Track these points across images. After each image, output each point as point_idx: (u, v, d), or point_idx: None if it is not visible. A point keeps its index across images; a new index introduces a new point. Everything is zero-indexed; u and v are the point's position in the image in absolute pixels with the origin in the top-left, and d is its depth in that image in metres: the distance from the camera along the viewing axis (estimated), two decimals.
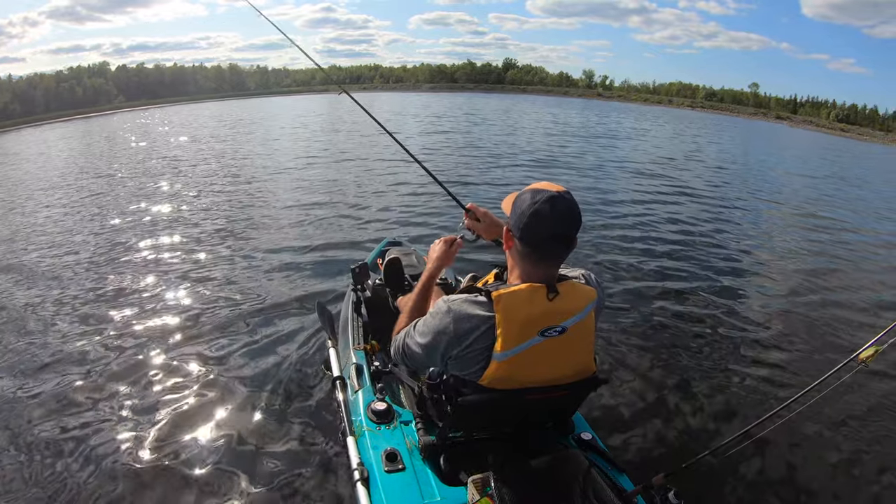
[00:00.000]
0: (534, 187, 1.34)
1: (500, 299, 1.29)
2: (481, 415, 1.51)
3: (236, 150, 14.28)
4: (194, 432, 2.54)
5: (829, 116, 74.44)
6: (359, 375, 2.13)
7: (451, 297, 1.39)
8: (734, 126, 41.06)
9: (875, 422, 2.90)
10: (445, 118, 25.19)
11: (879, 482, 2.48)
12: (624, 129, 25.14)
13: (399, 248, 3.32)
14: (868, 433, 2.80)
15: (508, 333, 1.29)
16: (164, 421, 2.62)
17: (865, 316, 4.47)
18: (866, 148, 39.98)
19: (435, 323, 1.38)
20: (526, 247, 1.33)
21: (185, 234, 5.96)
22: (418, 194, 8.00)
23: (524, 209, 1.30)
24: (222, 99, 59.43)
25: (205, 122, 25.55)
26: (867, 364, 1.43)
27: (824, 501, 2.36)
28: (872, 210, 10.19)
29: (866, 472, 2.53)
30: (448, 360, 1.40)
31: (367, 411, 1.87)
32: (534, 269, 1.34)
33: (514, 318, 1.29)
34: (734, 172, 13.50)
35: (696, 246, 6.23)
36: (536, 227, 1.29)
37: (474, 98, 52.11)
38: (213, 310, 3.88)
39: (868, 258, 6.62)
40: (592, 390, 1.52)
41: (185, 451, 2.41)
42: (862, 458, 2.62)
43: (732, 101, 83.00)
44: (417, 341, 1.43)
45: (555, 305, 1.31)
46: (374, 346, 2.35)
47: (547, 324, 1.31)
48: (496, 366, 1.32)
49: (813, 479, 2.45)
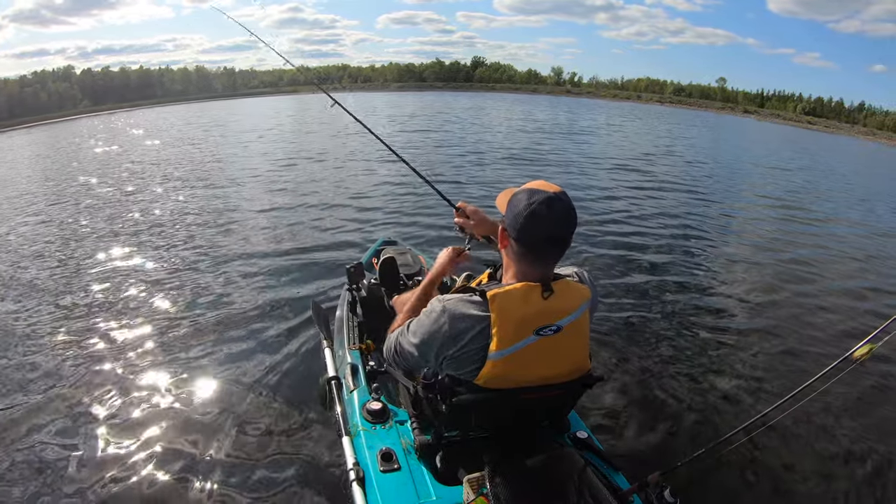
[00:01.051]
0: (530, 187, 1.33)
1: (494, 299, 1.29)
2: (477, 414, 1.51)
3: (215, 152, 14.08)
4: (188, 433, 2.53)
5: (796, 110, 76.16)
6: (354, 375, 2.13)
7: (446, 297, 1.38)
8: (703, 121, 41.75)
9: (869, 420, 2.92)
10: (419, 117, 25.04)
11: (875, 479, 2.49)
12: (598, 125, 25.55)
13: (394, 248, 3.31)
14: (862, 431, 2.82)
15: (504, 333, 1.29)
16: (158, 423, 2.60)
17: (862, 313, 4.50)
18: (834, 140, 41.29)
19: (429, 322, 1.37)
20: (522, 247, 1.32)
21: (172, 238, 5.91)
22: (402, 193, 8.02)
23: (520, 209, 1.29)
24: (189, 101, 58.30)
25: (175, 124, 24.92)
26: (861, 362, 1.44)
27: (819, 499, 2.37)
28: (847, 200, 10.44)
29: (861, 469, 2.55)
30: (443, 360, 1.39)
31: (362, 411, 1.87)
32: (529, 268, 1.34)
33: (510, 317, 1.29)
34: (711, 167, 13.83)
35: (690, 243, 6.26)
36: (533, 228, 1.28)
37: (444, 97, 52.03)
38: (209, 311, 3.86)
39: (860, 250, 6.68)
40: (588, 388, 1.52)
41: (179, 453, 2.39)
42: (856, 455, 2.63)
43: (700, 95, 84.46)
44: (411, 341, 1.42)
45: (550, 304, 1.31)
46: (369, 346, 2.34)
47: (542, 323, 1.30)
48: (492, 365, 1.31)
49: (807, 477, 2.46)
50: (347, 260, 3.95)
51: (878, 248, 7.15)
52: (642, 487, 1.57)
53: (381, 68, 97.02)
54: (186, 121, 27.27)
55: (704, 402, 2.99)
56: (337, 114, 2.68)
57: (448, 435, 1.64)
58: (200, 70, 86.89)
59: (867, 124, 69.40)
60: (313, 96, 57.08)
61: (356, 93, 65.01)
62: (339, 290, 3.28)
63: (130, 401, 2.79)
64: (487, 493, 1.36)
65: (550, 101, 49.59)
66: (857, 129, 66.68)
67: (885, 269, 6.09)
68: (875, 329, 1.50)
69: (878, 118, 70.85)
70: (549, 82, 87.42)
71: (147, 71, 79.08)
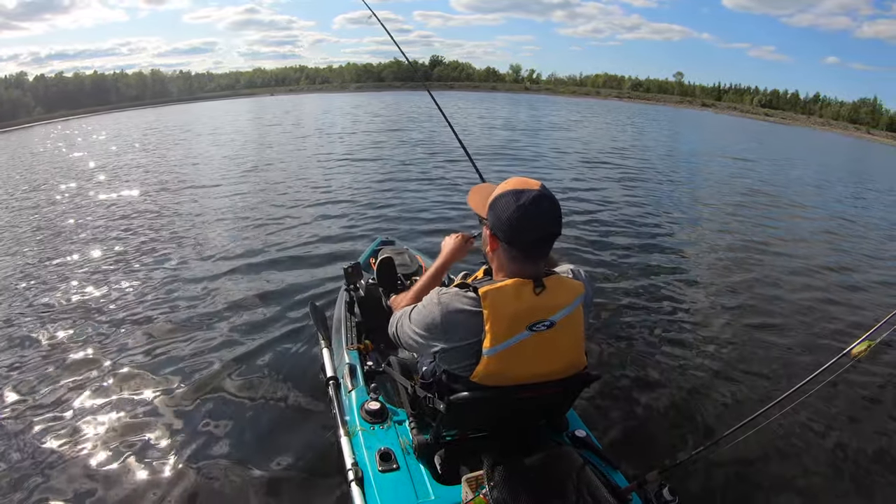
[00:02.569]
0: (513, 187, 1.32)
1: (487, 295, 1.29)
2: (475, 413, 1.51)
3: (192, 154, 13.87)
4: (185, 434, 2.52)
5: (753, 102, 78.48)
6: (352, 375, 2.13)
7: (443, 290, 1.40)
8: (663, 115, 42.59)
9: (867, 417, 2.93)
10: (386, 118, 24.75)
11: (873, 477, 2.50)
12: (562, 122, 25.91)
13: (392, 248, 3.31)
14: (860, 428, 2.83)
15: (497, 329, 1.29)
16: (155, 424, 2.59)
17: (859, 310, 4.52)
18: (791, 130, 42.16)
19: (426, 314, 1.39)
20: (513, 249, 1.32)
21: (168, 239, 5.90)
22: (400, 194, 8.04)
23: (509, 213, 1.28)
24: (144, 106, 56.84)
25: (136, 130, 24.18)
26: (859, 360, 1.44)
27: (818, 496, 2.37)
28: (838, 194, 10.73)
29: (859, 466, 2.55)
30: (436, 354, 1.41)
31: (360, 411, 1.87)
32: (522, 267, 1.34)
33: (502, 313, 1.29)
34: (688, 160, 14.34)
35: (687, 241, 6.28)
36: (526, 231, 1.28)
37: (403, 96, 51.69)
38: (206, 312, 3.84)
39: (858, 248, 6.70)
40: (586, 387, 1.52)
41: (177, 454, 2.38)
42: (855, 452, 2.63)
43: (658, 90, 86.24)
44: (412, 328, 1.44)
45: (542, 300, 1.31)
46: (367, 346, 2.34)
47: (535, 318, 1.31)
48: (486, 361, 1.32)
49: (806, 475, 2.47)
50: (345, 260, 3.93)
51: (877, 245, 7.19)
52: (641, 486, 1.57)
53: (339, 69, 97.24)
54: (150, 126, 26.24)
55: (703, 400, 2.99)
56: (299, 114, 2.67)
57: (446, 434, 1.64)
58: (156, 74, 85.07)
59: (823, 115, 72.08)
60: (271, 98, 56.00)
61: (315, 94, 64.57)
62: (337, 290, 3.28)
63: (129, 402, 2.77)
64: (486, 492, 1.35)
65: (511, 99, 49.54)
66: (814, 119, 69.36)
67: (882, 265, 6.12)
68: (873, 326, 1.50)
69: (833, 108, 73.35)
70: (507, 80, 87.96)
71: (101, 76, 77.40)
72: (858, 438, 2.74)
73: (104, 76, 77.93)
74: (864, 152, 31.78)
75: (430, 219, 6.51)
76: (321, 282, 4.35)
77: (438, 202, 7.39)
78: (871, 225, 8.42)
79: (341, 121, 23.55)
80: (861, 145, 40.69)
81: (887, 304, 4.72)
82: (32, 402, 2.78)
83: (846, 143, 39.49)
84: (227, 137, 18.22)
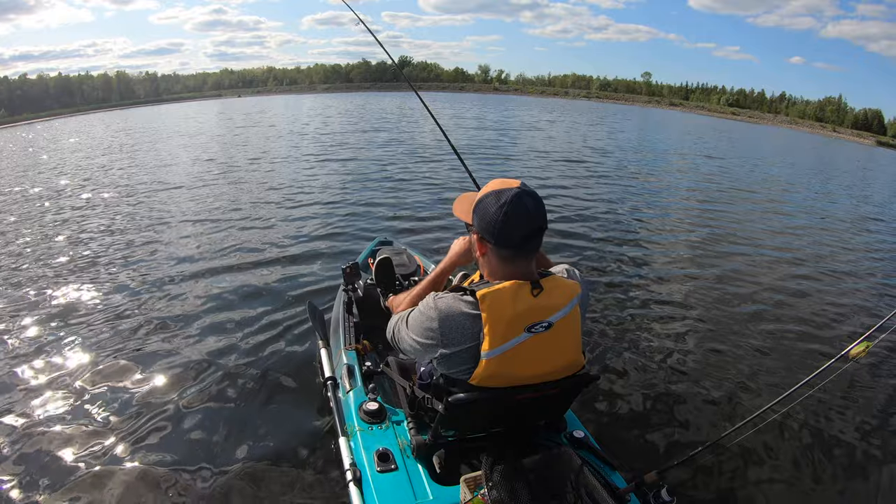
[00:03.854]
0: (493, 189, 1.33)
1: (485, 298, 1.28)
2: (473, 414, 1.50)
3: (181, 155, 13.74)
4: (184, 435, 2.51)
5: (720, 101, 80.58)
6: (350, 376, 2.12)
7: (440, 295, 1.38)
8: (632, 114, 43.11)
9: (865, 417, 2.93)
10: (362, 119, 24.67)
11: (871, 477, 2.50)
12: (533, 121, 26.28)
13: (390, 248, 3.31)
14: (859, 429, 2.83)
15: (495, 331, 1.29)
16: (153, 424, 2.58)
17: (858, 309, 4.53)
18: (760, 129, 43.12)
19: (423, 320, 1.38)
20: (504, 249, 1.32)
21: (163, 242, 5.88)
22: (397, 193, 8.05)
23: (493, 214, 1.28)
24: (111, 109, 55.45)
25: (122, 134, 22.77)
26: (857, 360, 1.44)
27: (817, 496, 2.37)
28: (835, 195, 10.89)
29: (858, 466, 2.55)
30: (434, 359, 1.40)
31: (358, 411, 1.86)
32: (514, 268, 1.33)
33: (500, 316, 1.29)
34: (662, 159, 14.59)
35: (682, 240, 6.29)
36: (512, 230, 1.28)
37: (373, 97, 51.78)
38: (204, 311, 3.84)
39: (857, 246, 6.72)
40: (584, 388, 1.52)
41: (174, 455, 2.37)
42: (853, 452, 2.64)
43: (626, 90, 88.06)
44: (409, 334, 1.43)
45: (540, 301, 1.31)
46: (365, 346, 2.33)
47: (533, 320, 1.30)
48: (485, 364, 1.31)
49: (804, 475, 2.47)
50: (343, 259, 3.93)
51: (876, 242, 7.22)
52: (639, 486, 1.57)
53: (308, 70, 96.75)
54: (130, 128, 25.45)
55: (701, 400, 2.99)
56: (269, 114, 2.66)
57: (445, 435, 1.63)
58: (122, 76, 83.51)
59: (789, 114, 74.61)
60: (239, 100, 55.00)
61: (284, 95, 63.99)
62: (335, 290, 3.28)
63: (124, 402, 2.76)
64: (484, 492, 1.35)
65: (480, 99, 49.56)
66: (780, 118, 71.72)
67: (882, 266, 6.14)
68: (871, 327, 1.50)
69: (799, 107, 76.11)
70: (476, 80, 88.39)
71: (66, 78, 75.80)
72: (857, 438, 2.74)
73: (69, 78, 76.55)
74: (834, 150, 32.78)
75: (426, 217, 6.53)
76: (319, 282, 4.35)
77: (434, 202, 7.41)
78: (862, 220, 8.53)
79: (317, 121, 23.43)
80: (829, 143, 41.97)
81: (887, 302, 4.74)
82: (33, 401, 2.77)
83: (816, 140, 40.62)
84: (206, 139, 17.99)
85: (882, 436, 2.80)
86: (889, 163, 27.80)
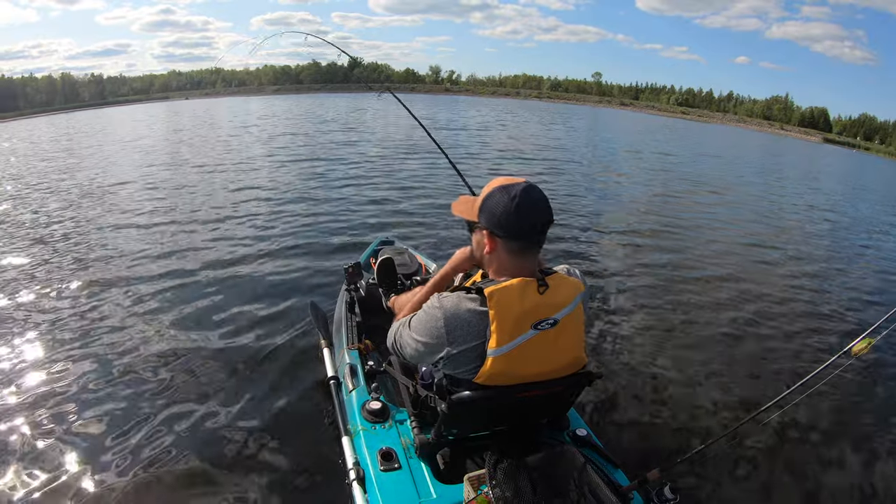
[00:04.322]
0: (499, 185, 1.34)
1: (493, 296, 1.29)
2: (476, 412, 1.51)
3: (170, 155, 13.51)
4: (187, 434, 2.51)
5: (670, 101, 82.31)
6: (353, 375, 2.12)
7: (444, 295, 1.38)
8: (585, 114, 43.63)
9: (868, 414, 2.93)
10: (319, 121, 24.44)
11: (874, 474, 2.50)
12: (488, 121, 26.72)
13: (392, 248, 3.31)
14: (861, 426, 2.83)
15: (502, 329, 1.29)
16: (156, 423, 2.58)
17: (857, 308, 4.53)
18: (712, 128, 43.88)
19: (427, 320, 1.38)
20: (513, 242, 1.33)
21: (165, 242, 5.89)
22: (394, 192, 8.09)
23: (505, 206, 1.30)
24: (55, 112, 52.72)
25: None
26: (859, 357, 1.44)
27: (820, 494, 2.37)
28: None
29: (861, 464, 2.55)
30: (440, 360, 1.39)
31: (361, 410, 1.87)
32: (522, 262, 1.34)
33: (508, 313, 1.29)
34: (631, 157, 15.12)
35: (679, 239, 6.29)
36: (523, 220, 1.30)
37: (324, 98, 51.13)
38: (204, 310, 3.84)
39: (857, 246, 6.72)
40: (587, 386, 1.52)
41: (178, 453, 2.38)
42: (856, 450, 2.64)
43: (577, 90, 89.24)
44: (412, 337, 1.42)
45: (546, 299, 1.32)
46: (367, 346, 2.34)
47: (539, 317, 1.31)
48: (491, 362, 1.31)
49: (807, 472, 2.47)
50: (345, 259, 3.93)
51: (876, 242, 7.21)
52: (642, 484, 1.57)
53: (256, 71, 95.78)
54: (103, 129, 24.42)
55: (703, 398, 3.00)
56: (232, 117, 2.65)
57: (448, 433, 1.64)
58: (66, 78, 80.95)
59: (737, 112, 76.47)
60: (187, 102, 54.14)
61: (232, 97, 62.94)
62: (337, 290, 3.28)
63: (120, 403, 2.76)
64: (488, 491, 1.35)
65: (433, 100, 49.03)
66: (729, 117, 73.45)
67: (883, 264, 6.13)
68: (873, 323, 1.50)
69: (747, 106, 77.99)
70: (427, 81, 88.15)
71: (9, 80, 73.19)
72: (860, 436, 2.74)
73: (11, 80, 74.00)
74: (787, 147, 33.89)
75: (425, 217, 6.54)
76: (321, 282, 4.36)
77: (434, 201, 7.42)
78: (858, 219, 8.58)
79: (308, 124, 23.09)
80: (779, 140, 43.31)
81: (890, 300, 4.74)
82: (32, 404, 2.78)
83: (767, 138, 41.71)
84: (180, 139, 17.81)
85: (886, 433, 2.80)
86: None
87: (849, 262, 6.24)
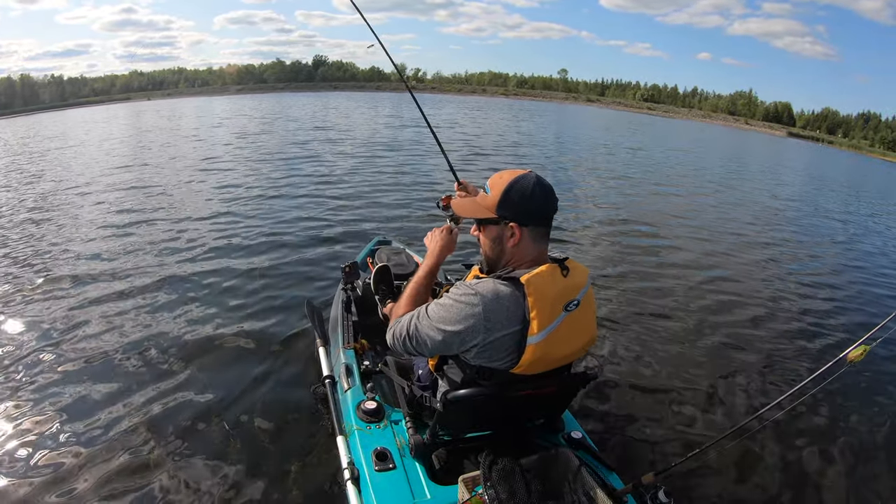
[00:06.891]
0: (510, 178, 1.38)
1: (530, 282, 1.32)
2: (472, 413, 1.50)
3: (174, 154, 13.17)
4: (181, 435, 2.49)
5: (636, 97, 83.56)
6: (348, 374, 2.12)
7: (475, 282, 1.38)
8: (553, 110, 43.92)
9: (863, 420, 2.94)
10: (286, 121, 23.83)
11: (869, 480, 2.51)
12: (455, 119, 27.22)
13: (389, 248, 3.30)
14: (856, 432, 2.84)
15: (542, 314, 1.32)
16: (147, 421, 2.57)
17: (859, 314, 4.55)
18: (678, 123, 46.24)
19: (460, 307, 1.33)
20: (541, 227, 1.39)
21: (164, 242, 5.88)
22: (394, 192, 8.10)
23: (529, 193, 1.35)
24: (14, 115, 50.18)
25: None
26: (855, 364, 1.44)
27: (814, 500, 2.38)
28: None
29: (855, 469, 2.56)
30: (473, 347, 1.35)
31: (356, 410, 1.86)
32: (543, 248, 1.41)
33: (545, 299, 1.33)
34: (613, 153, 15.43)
35: (678, 238, 6.30)
36: (547, 205, 1.38)
37: (288, 97, 50.46)
38: (203, 309, 3.83)
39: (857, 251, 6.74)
40: (582, 387, 1.52)
41: (172, 454, 2.37)
42: (851, 455, 2.64)
43: (543, 87, 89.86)
44: (436, 326, 1.36)
45: (569, 281, 1.38)
46: (363, 345, 2.33)
47: (568, 298, 1.37)
48: (533, 349, 1.33)
49: (801, 478, 2.47)
50: (342, 258, 3.93)
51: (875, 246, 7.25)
52: (636, 487, 1.57)
53: (220, 70, 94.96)
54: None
55: (699, 402, 3.00)
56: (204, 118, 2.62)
57: (443, 434, 1.63)
58: (26, 79, 78.22)
59: (702, 108, 77.83)
60: (149, 103, 53.33)
61: (195, 97, 61.84)
62: (334, 289, 3.27)
63: (117, 404, 2.75)
64: (482, 492, 1.35)
65: (400, 98, 47.06)
66: (695, 112, 74.60)
67: (881, 270, 6.16)
68: (869, 330, 1.51)
69: (712, 101, 79.48)
70: (393, 79, 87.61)
71: None
72: (855, 442, 2.75)
73: None
74: (754, 142, 34.76)
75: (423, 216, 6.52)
76: (317, 281, 4.35)
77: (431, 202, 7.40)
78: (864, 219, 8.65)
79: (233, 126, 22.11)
80: (748, 135, 44.13)
81: (888, 306, 4.76)
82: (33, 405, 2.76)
83: (735, 132, 42.99)
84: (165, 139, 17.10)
85: (880, 438, 2.81)
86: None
87: (846, 266, 6.25)
